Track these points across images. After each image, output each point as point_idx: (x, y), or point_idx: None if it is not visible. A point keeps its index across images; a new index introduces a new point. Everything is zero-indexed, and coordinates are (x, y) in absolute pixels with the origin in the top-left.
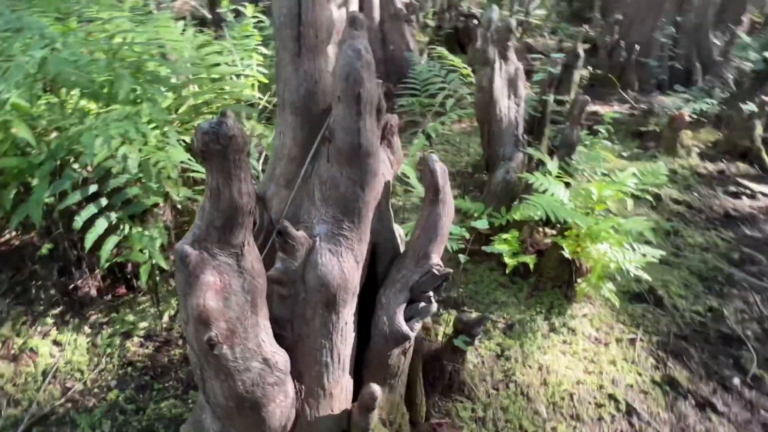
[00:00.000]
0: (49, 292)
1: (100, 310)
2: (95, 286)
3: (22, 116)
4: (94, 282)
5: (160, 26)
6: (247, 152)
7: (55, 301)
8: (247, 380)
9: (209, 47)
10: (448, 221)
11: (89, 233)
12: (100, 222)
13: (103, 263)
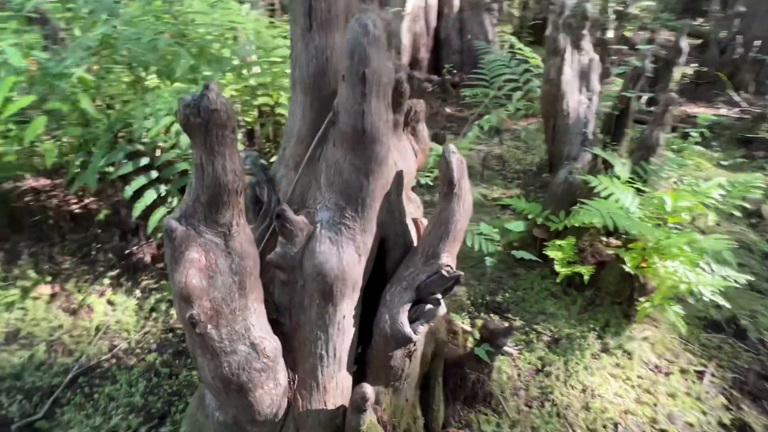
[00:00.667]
0: (108, 255)
1: (151, 276)
2: (150, 253)
3: (87, 89)
4: (149, 249)
5: (227, 8)
6: (233, 128)
7: (113, 264)
8: (233, 362)
9: (271, 30)
10: (464, 219)
11: (138, 203)
12: (149, 193)
13: (150, 231)
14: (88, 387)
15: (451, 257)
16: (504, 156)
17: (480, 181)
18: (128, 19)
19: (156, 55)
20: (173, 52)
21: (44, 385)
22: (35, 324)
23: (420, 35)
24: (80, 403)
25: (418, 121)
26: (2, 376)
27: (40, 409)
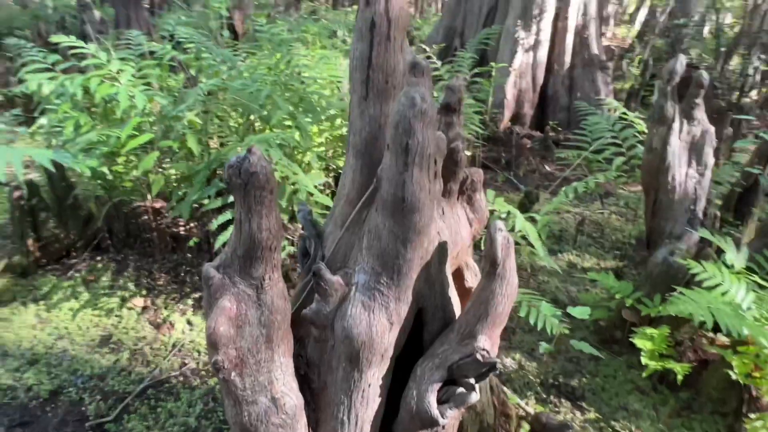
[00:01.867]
0: (195, 278)
1: None
2: None
3: (195, 131)
4: None
5: (330, 63)
6: (271, 190)
7: (197, 286)
8: (252, 413)
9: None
10: (506, 301)
11: (221, 235)
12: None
13: None
14: (155, 399)
15: (490, 341)
16: (603, 223)
17: (572, 247)
18: (242, 71)
19: (258, 104)
20: (273, 102)
21: (120, 390)
22: (125, 332)
23: (525, 91)
24: (144, 414)
25: (475, 190)
26: (90, 375)
27: (112, 412)
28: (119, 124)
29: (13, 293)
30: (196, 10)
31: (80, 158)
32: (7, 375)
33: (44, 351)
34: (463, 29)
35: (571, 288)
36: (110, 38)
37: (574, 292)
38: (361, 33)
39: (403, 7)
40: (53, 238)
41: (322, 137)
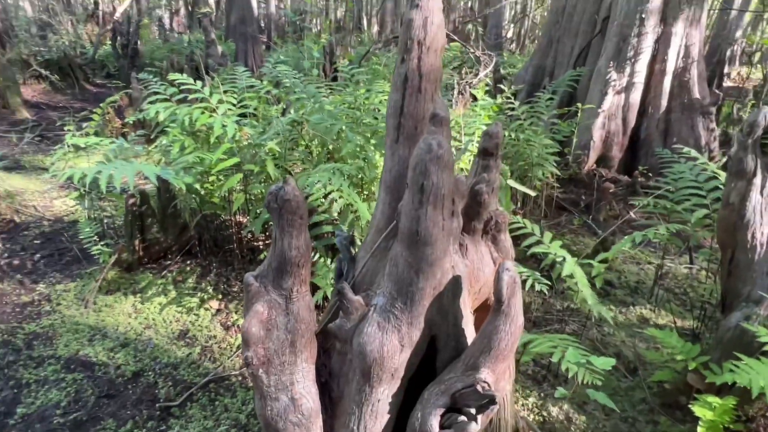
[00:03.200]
0: None
1: None
2: None
3: (274, 158)
4: None
5: None
6: (301, 215)
7: None
8: (274, 408)
9: None
10: (509, 338)
11: None
12: None
13: None
14: (215, 393)
15: (493, 374)
16: (689, 278)
17: (647, 300)
18: (324, 106)
19: (332, 137)
20: (345, 135)
21: (188, 380)
22: (199, 329)
23: (614, 133)
24: (204, 405)
25: (500, 230)
26: (166, 363)
27: (178, 398)
28: (214, 147)
29: (118, 284)
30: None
31: (180, 175)
32: (104, 353)
33: (134, 337)
34: (553, 69)
35: (639, 344)
36: (227, 71)
37: (641, 348)
38: (396, 85)
39: (434, 63)
40: (155, 241)
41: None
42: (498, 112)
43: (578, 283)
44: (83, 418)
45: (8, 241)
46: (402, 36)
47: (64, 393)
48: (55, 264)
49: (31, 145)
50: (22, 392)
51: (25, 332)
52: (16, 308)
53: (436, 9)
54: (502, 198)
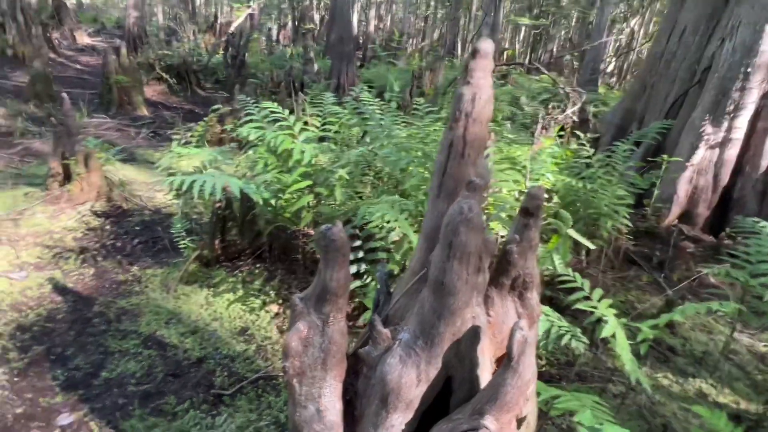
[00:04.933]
0: None
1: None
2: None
3: (342, 184)
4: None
5: None
6: (344, 253)
7: None
8: (302, 415)
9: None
10: (515, 392)
11: None
12: (350, 268)
13: None
14: (262, 390)
15: (497, 423)
16: (763, 356)
17: (711, 374)
18: (393, 138)
19: (397, 170)
20: (410, 169)
21: (241, 373)
22: (258, 329)
23: (703, 189)
24: (251, 398)
25: (527, 289)
26: (225, 355)
27: (231, 388)
28: (292, 168)
29: (196, 277)
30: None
31: (260, 190)
32: (176, 336)
33: (203, 326)
34: (644, 115)
35: (693, 419)
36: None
37: (693, 424)
38: (442, 148)
39: (479, 133)
40: (232, 243)
41: None
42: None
43: (618, 346)
44: (151, 390)
45: (115, 225)
46: (452, 106)
47: (139, 366)
48: (148, 250)
49: (145, 140)
50: (107, 359)
51: (117, 307)
52: (113, 285)
53: (486, 86)
54: (560, 248)
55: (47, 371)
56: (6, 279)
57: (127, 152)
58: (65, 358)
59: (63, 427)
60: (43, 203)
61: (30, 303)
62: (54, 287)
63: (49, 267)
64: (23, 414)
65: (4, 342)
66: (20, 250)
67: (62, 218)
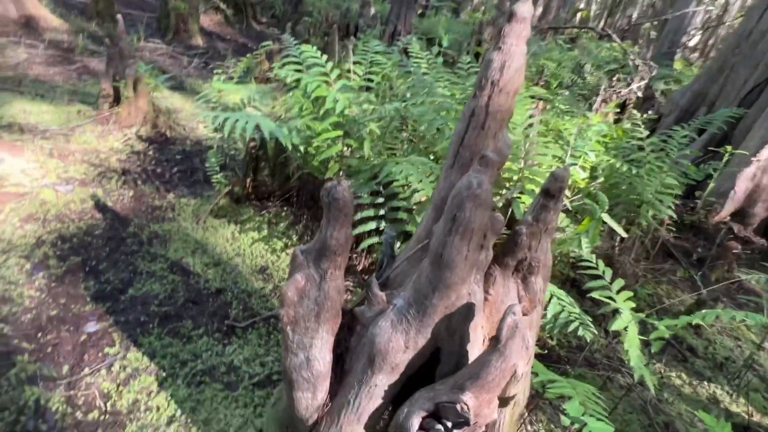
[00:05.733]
0: None
1: (355, 280)
2: (362, 264)
3: (373, 138)
4: (364, 262)
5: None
6: (346, 213)
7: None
8: (293, 361)
9: (542, 137)
10: (497, 373)
11: (357, 228)
12: (370, 224)
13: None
14: (273, 327)
15: (476, 400)
16: None
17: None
18: (431, 96)
19: (431, 131)
20: (445, 131)
21: (255, 309)
22: (277, 269)
23: (765, 189)
24: (261, 334)
25: (532, 272)
26: (243, 289)
27: (244, 322)
28: (325, 117)
29: (226, 211)
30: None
31: (291, 135)
32: (200, 266)
33: (226, 259)
34: (716, 100)
35: (699, 423)
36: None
37: (697, 428)
38: (464, 116)
39: (503, 104)
40: (263, 183)
41: None
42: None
43: (628, 340)
44: (171, 312)
45: (158, 151)
46: (479, 73)
47: (163, 288)
48: (185, 180)
49: (196, 70)
50: (135, 278)
51: (150, 230)
52: (149, 209)
53: (518, 54)
54: (591, 231)
55: (81, 281)
56: (53, 190)
57: (177, 80)
58: (98, 272)
59: (89, 334)
60: (93, 122)
61: (72, 216)
62: (95, 204)
63: (92, 184)
64: (56, 317)
65: (46, 249)
66: (68, 164)
67: (109, 139)
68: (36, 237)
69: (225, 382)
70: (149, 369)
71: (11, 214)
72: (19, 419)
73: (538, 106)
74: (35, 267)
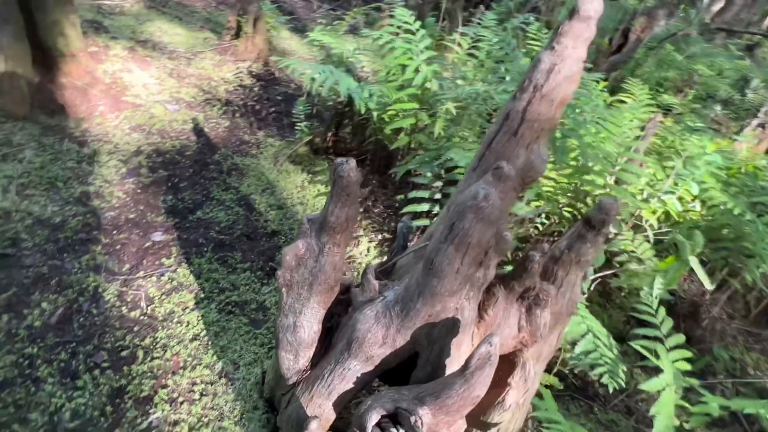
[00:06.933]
0: (391, 224)
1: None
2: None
3: (446, 118)
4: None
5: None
6: (349, 193)
7: (391, 231)
8: (282, 322)
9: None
10: (457, 400)
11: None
12: (423, 205)
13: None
14: None
15: (433, 418)
16: None
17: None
18: None
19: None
20: None
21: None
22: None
23: None
24: None
25: (538, 305)
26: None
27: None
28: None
29: (302, 160)
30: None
31: (369, 98)
32: (265, 205)
33: (289, 205)
34: None
35: None
36: (510, 5)
37: None
38: (498, 118)
39: (543, 113)
40: (343, 140)
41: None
42: (753, 175)
43: (658, 405)
44: (226, 242)
45: (262, 89)
46: (526, 74)
47: (226, 218)
48: (278, 121)
49: (323, 16)
50: (206, 202)
51: (232, 162)
52: (238, 141)
53: (572, 58)
54: (671, 272)
55: (161, 194)
56: (163, 107)
57: (300, 23)
58: (177, 189)
59: (154, 242)
60: (214, 51)
61: (171, 133)
62: (194, 127)
63: (197, 108)
64: (132, 220)
65: (142, 159)
66: (182, 86)
67: (223, 69)
68: (137, 146)
69: (252, 318)
70: (191, 287)
71: (124, 120)
72: (77, 299)
73: (655, 117)
74: (129, 172)
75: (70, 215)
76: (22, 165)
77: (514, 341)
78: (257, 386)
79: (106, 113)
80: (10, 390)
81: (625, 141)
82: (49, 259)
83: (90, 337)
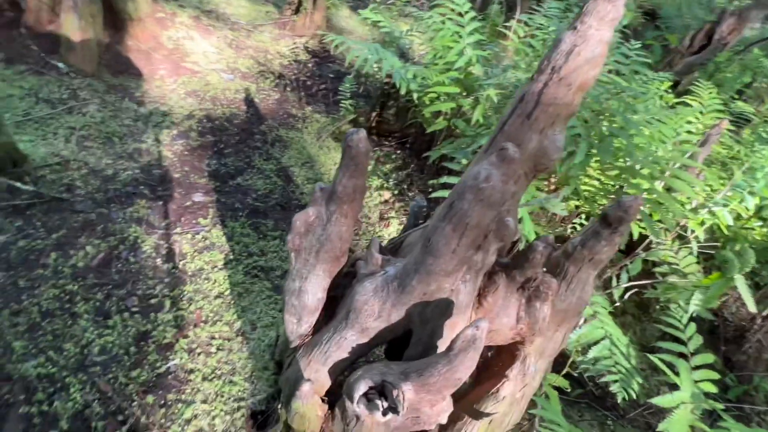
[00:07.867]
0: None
1: None
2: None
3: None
4: None
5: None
6: (357, 163)
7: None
8: (289, 285)
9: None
10: (439, 380)
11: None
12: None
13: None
14: None
15: (415, 395)
16: None
17: None
18: None
19: None
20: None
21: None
22: (365, 206)
23: None
24: None
25: (538, 297)
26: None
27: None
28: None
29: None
30: None
31: (411, 79)
32: (302, 178)
33: (326, 180)
34: None
35: None
36: None
37: None
38: (513, 100)
39: (560, 97)
40: (386, 120)
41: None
42: None
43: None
44: (260, 209)
45: (316, 66)
46: (545, 55)
47: (263, 186)
48: (326, 98)
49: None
50: (247, 170)
51: (277, 133)
52: (285, 114)
53: (595, 40)
54: (712, 289)
55: (206, 158)
56: (219, 76)
57: (362, 2)
58: (222, 154)
59: (194, 202)
60: (273, 25)
61: (223, 101)
62: (245, 97)
63: (251, 79)
64: (176, 179)
65: (193, 123)
66: (240, 57)
67: (281, 43)
68: (190, 110)
69: (275, 284)
70: (222, 248)
71: (181, 85)
72: (118, 246)
73: (720, 124)
74: (179, 134)
75: (121, 169)
76: (84, 118)
77: (512, 332)
78: (270, 348)
79: (165, 77)
80: (50, 320)
81: (681, 146)
82: (98, 207)
83: (125, 282)
